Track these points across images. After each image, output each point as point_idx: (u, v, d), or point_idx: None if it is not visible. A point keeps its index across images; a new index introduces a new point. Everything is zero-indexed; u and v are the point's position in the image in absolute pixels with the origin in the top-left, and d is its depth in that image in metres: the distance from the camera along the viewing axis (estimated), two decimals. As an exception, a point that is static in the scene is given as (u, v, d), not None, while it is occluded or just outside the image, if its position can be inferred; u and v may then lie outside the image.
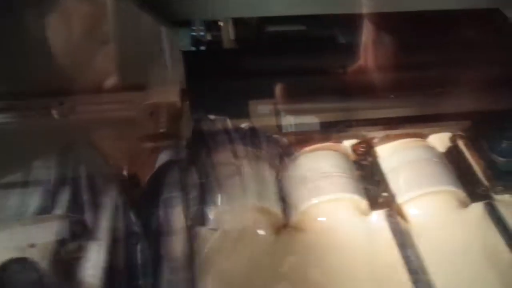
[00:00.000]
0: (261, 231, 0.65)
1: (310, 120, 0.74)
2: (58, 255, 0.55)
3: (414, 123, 0.74)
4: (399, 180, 0.68)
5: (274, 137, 0.72)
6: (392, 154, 0.71)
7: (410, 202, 0.66)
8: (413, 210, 0.66)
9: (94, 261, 0.55)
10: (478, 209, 0.66)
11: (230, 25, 0.86)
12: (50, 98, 0.62)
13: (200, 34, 0.94)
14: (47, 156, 0.63)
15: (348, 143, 0.74)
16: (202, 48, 0.94)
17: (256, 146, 0.70)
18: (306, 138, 0.72)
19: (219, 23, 0.91)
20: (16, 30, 0.58)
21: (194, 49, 0.93)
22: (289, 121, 0.75)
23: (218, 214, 0.65)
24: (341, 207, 0.65)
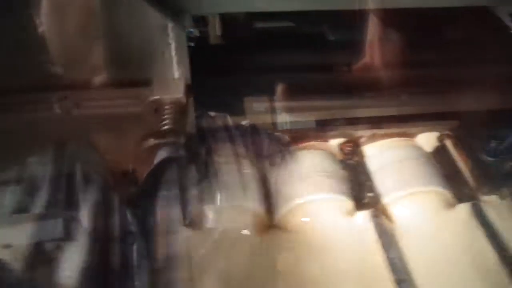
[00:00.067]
0: (245, 232, 0.64)
1: (296, 118, 0.73)
2: (35, 256, 0.53)
3: (401, 123, 0.73)
4: (385, 180, 0.67)
5: (275, 134, 0.71)
6: (378, 154, 0.71)
7: (396, 202, 0.65)
8: (398, 211, 0.65)
9: (71, 262, 0.54)
10: (464, 210, 0.65)
11: (217, 21, 0.84)
12: (53, 93, 0.61)
13: (188, 31, 0.92)
14: (46, 152, 0.62)
15: (335, 142, 0.73)
16: (191, 44, 0.93)
17: (256, 144, 0.69)
18: (292, 137, 0.71)
19: (207, 19, 0.89)
20: (17, 24, 0.57)
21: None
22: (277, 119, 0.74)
23: (201, 214, 0.64)
24: (326, 208, 0.64)
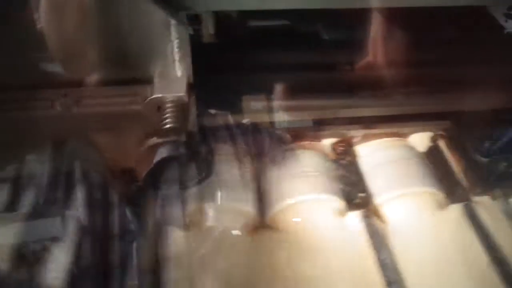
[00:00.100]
0: (236, 232, 0.64)
1: (288, 117, 0.73)
2: (21, 256, 0.53)
3: (394, 122, 0.73)
4: (377, 180, 0.67)
5: (276, 133, 0.70)
6: (371, 154, 0.70)
7: (388, 203, 0.65)
8: (390, 211, 0.65)
9: (58, 263, 0.53)
10: (456, 210, 0.65)
11: (210, 19, 0.83)
12: (53, 90, 0.60)
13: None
14: (44, 150, 0.61)
15: (327, 142, 0.72)
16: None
17: (257, 142, 0.68)
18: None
19: (200, 17, 0.88)
20: (18, 20, 0.56)
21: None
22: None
23: (191, 214, 0.63)
24: (317, 208, 0.64)
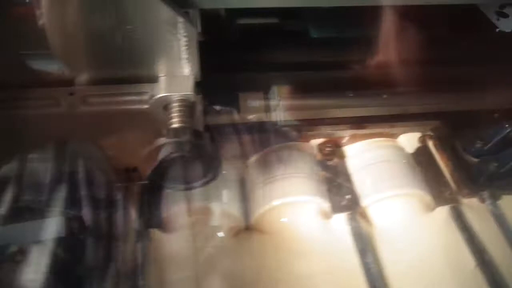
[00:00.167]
0: (220, 233, 0.63)
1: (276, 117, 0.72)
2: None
3: (383, 123, 0.72)
4: (364, 182, 0.66)
5: (283, 129, 0.69)
6: (358, 155, 0.69)
7: (374, 205, 0.64)
8: (377, 213, 0.64)
9: (35, 265, 0.52)
10: (443, 213, 0.64)
11: (198, 17, 0.82)
12: (60, 88, 0.59)
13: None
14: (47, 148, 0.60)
15: (314, 142, 0.71)
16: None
17: (264, 139, 0.68)
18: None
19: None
20: (19, 16, 0.56)
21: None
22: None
23: (175, 215, 0.62)
24: (302, 210, 0.63)
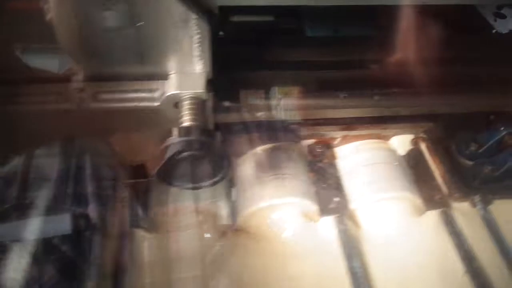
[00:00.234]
0: (206, 234, 0.62)
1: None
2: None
3: (375, 124, 0.71)
4: (354, 184, 0.65)
5: (291, 126, 0.68)
6: (348, 157, 0.68)
7: (363, 207, 0.63)
8: (365, 217, 0.63)
9: (16, 263, 0.52)
10: (433, 217, 0.63)
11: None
12: (71, 84, 0.58)
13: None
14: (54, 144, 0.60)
15: (305, 143, 0.70)
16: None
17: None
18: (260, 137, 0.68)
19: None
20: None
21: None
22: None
23: (159, 215, 0.62)
24: (289, 212, 0.62)
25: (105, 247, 0.54)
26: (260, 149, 0.67)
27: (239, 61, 0.72)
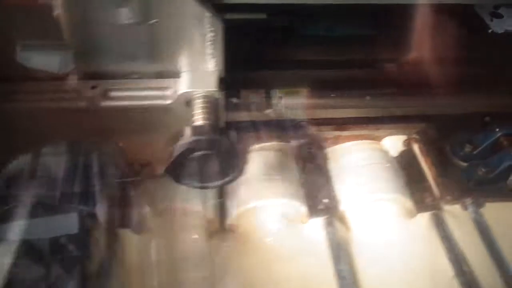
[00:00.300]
0: (194, 235, 0.61)
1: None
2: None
3: (368, 124, 0.70)
4: (344, 185, 0.64)
5: (301, 124, 0.68)
6: (339, 157, 0.67)
7: (353, 209, 0.62)
8: (355, 218, 0.62)
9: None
10: (424, 220, 0.62)
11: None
12: (82, 82, 0.58)
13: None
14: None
15: (295, 143, 0.69)
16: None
17: (283, 134, 0.67)
18: (250, 137, 0.68)
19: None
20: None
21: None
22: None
23: (147, 216, 0.61)
24: (277, 213, 0.61)
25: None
26: (249, 149, 0.67)
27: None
